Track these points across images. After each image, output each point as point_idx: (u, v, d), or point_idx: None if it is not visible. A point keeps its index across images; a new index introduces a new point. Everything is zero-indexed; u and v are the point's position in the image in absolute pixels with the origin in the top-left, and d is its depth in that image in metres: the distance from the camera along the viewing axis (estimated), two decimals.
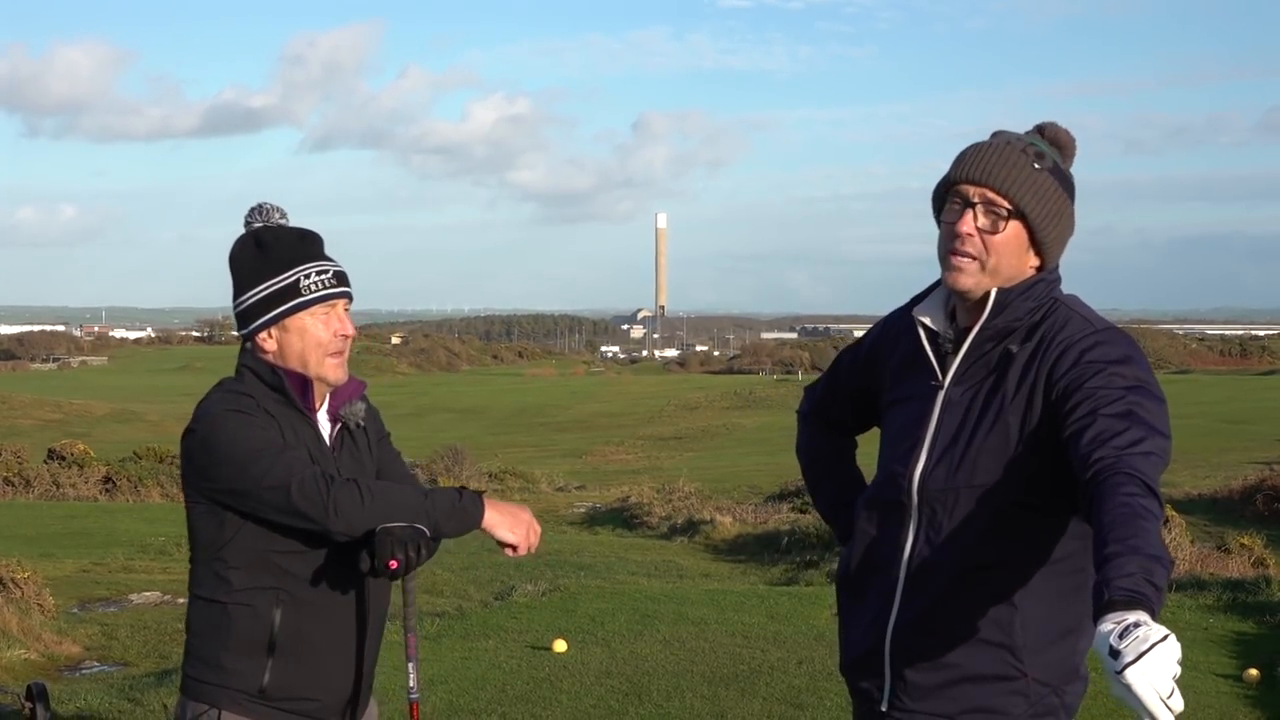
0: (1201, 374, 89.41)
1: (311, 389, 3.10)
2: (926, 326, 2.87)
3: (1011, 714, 2.72)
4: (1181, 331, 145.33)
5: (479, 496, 3.04)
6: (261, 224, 3.14)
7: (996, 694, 2.72)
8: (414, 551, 2.90)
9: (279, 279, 3.07)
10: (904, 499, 2.81)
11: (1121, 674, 2.08)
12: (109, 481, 28.67)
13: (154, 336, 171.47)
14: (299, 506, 2.89)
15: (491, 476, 35.14)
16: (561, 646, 9.18)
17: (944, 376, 2.81)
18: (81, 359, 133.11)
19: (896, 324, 2.99)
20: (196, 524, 3.07)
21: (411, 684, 3.13)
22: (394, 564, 2.89)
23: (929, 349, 2.85)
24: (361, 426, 3.22)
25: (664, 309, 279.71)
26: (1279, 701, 7.87)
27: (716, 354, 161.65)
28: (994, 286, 2.76)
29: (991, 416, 2.72)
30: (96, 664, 10.80)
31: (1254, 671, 8.48)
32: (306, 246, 3.12)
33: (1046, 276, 2.80)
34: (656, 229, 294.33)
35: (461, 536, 3.09)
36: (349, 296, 3.15)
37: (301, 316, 3.07)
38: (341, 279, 3.13)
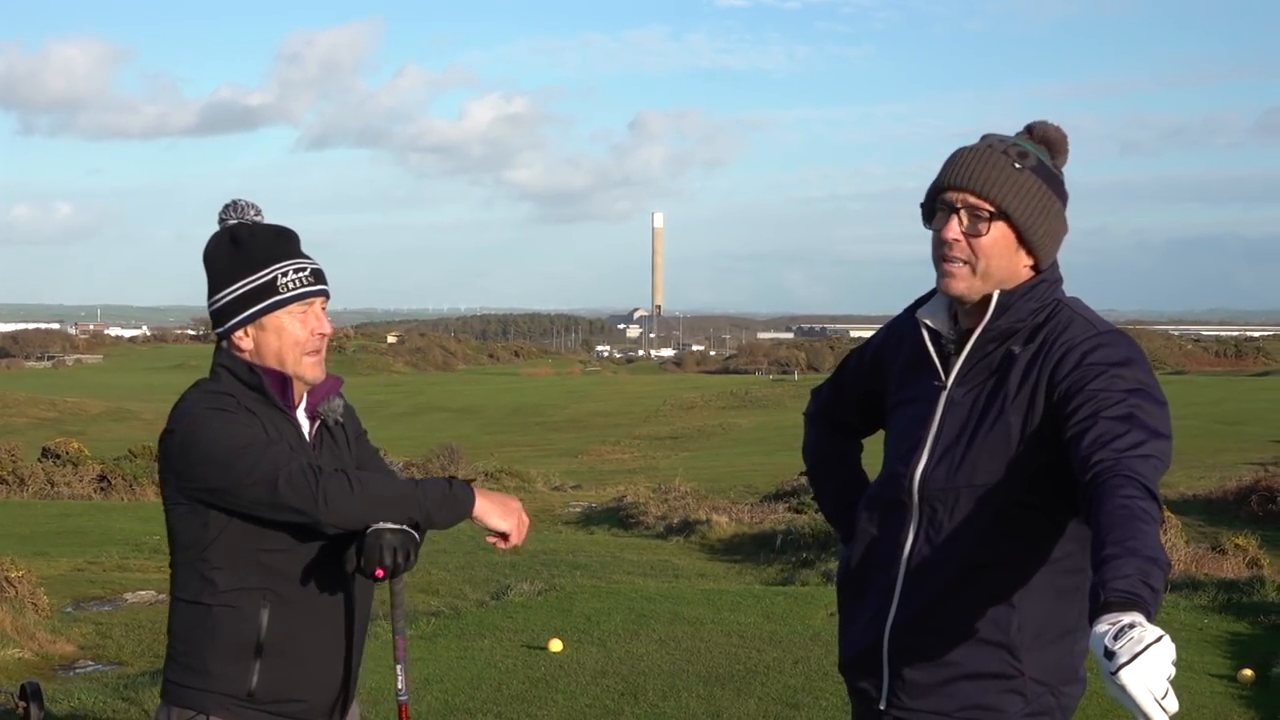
0: (1197, 375, 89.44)
1: (291, 387, 3.07)
2: (930, 328, 2.88)
3: (1008, 712, 2.73)
4: (1177, 332, 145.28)
5: (469, 486, 3.01)
6: (236, 221, 3.10)
7: (993, 692, 2.72)
8: (402, 558, 2.87)
9: (255, 277, 3.03)
10: (905, 498, 2.82)
11: (1116, 675, 2.10)
12: (104, 480, 28.59)
13: (149, 335, 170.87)
14: (287, 499, 2.85)
15: (487, 476, 35.09)
16: (557, 646, 9.17)
17: (947, 377, 2.82)
18: (76, 357, 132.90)
19: (901, 326, 3.01)
20: (177, 525, 3.03)
21: (400, 686, 3.11)
22: (380, 573, 2.87)
23: (932, 350, 2.87)
24: (340, 423, 3.19)
25: (660, 308, 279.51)
26: (1273, 701, 7.88)
27: (713, 354, 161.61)
28: (988, 289, 2.77)
29: (993, 417, 2.73)
30: (91, 663, 10.77)
31: (1248, 672, 8.49)
32: (283, 244, 3.09)
33: (1048, 277, 2.80)
34: (653, 228, 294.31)
35: (452, 527, 3.05)
36: (326, 294, 3.12)
37: (278, 315, 3.04)
38: (319, 276, 3.10)
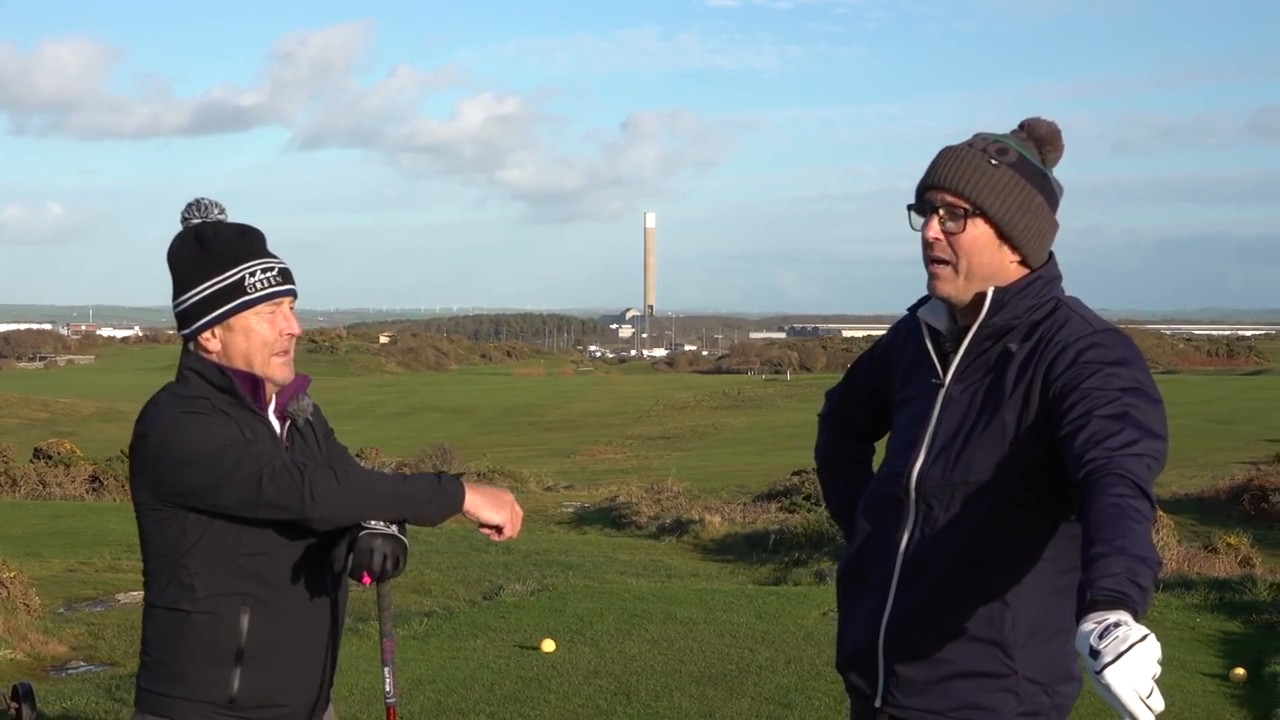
0: (1189, 374, 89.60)
1: (263, 388, 3.03)
2: (930, 326, 2.89)
3: (1001, 711, 2.73)
4: (1169, 332, 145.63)
5: (458, 480, 2.97)
6: (200, 220, 3.04)
7: (987, 691, 2.72)
8: (391, 564, 2.86)
9: (222, 277, 2.98)
10: (902, 495, 2.83)
11: (1101, 674, 2.11)
12: (96, 480, 28.52)
13: (141, 335, 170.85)
14: (273, 496, 2.82)
15: (480, 476, 34.99)
16: (550, 646, 9.17)
17: (945, 375, 2.83)
18: (68, 357, 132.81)
19: (906, 325, 3.02)
20: (152, 532, 2.97)
21: (388, 688, 3.09)
22: (366, 579, 2.86)
23: (931, 349, 2.88)
24: (309, 422, 3.15)
25: (653, 308, 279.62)
26: (1265, 700, 7.88)
27: (705, 354, 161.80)
28: (978, 289, 2.78)
29: (989, 414, 2.74)
30: (83, 664, 10.73)
31: (1240, 671, 8.50)
32: (249, 243, 3.03)
33: (1045, 275, 2.80)
34: (645, 228, 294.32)
35: (443, 522, 3.02)
36: (294, 294, 3.07)
37: (246, 316, 2.99)
38: (286, 276, 3.05)
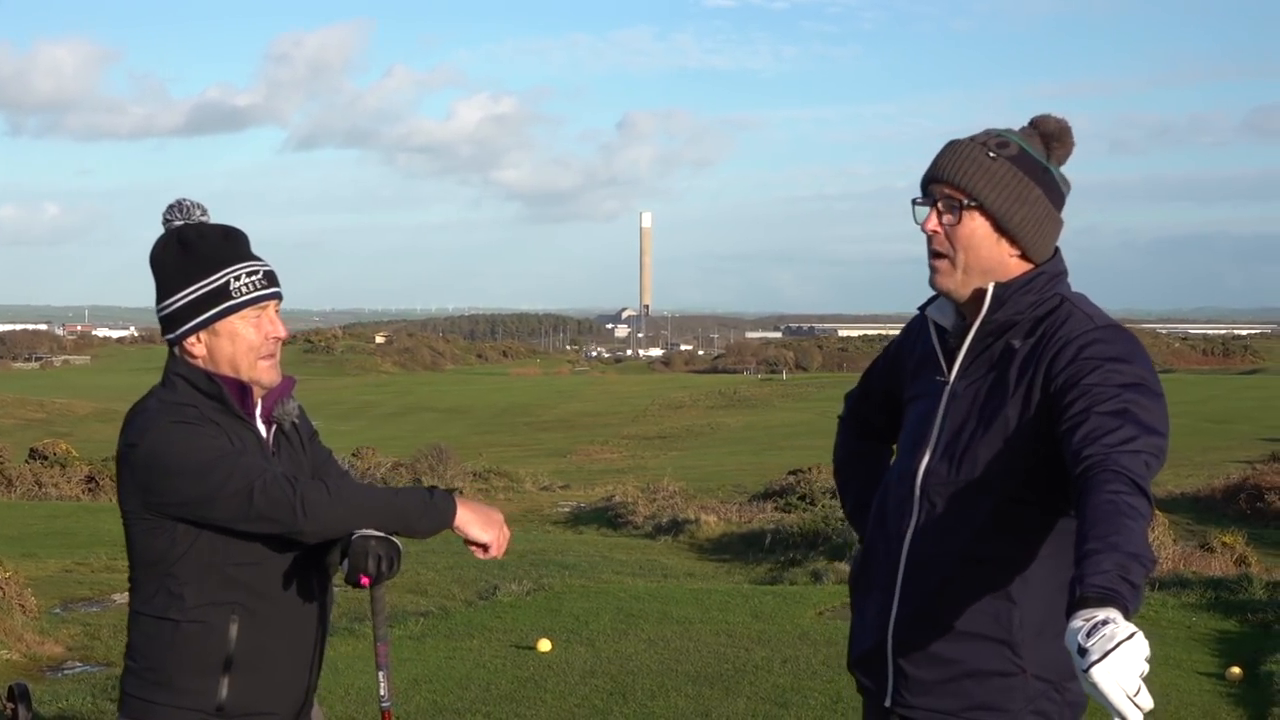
0: (1185, 373, 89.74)
1: (251, 394, 2.99)
2: (937, 324, 2.89)
3: (1011, 710, 2.72)
4: (1165, 331, 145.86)
5: (450, 495, 2.95)
6: (182, 222, 3.00)
7: (997, 690, 2.71)
8: (386, 566, 2.85)
9: (207, 281, 2.94)
10: (908, 494, 2.82)
11: (1087, 672, 2.11)
12: (92, 481, 28.51)
13: (137, 335, 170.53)
14: (264, 510, 2.79)
15: (476, 476, 35.06)
16: (546, 646, 9.17)
17: (950, 373, 2.82)
18: (64, 358, 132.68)
19: (916, 324, 3.02)
20: (140, 541, 2.94)
21: (383, 692, 3.09)
22: (365, 581, 2.85)
23: (938, 346, 2.88)
24: (295, 425, 3.12)
25: (648, 308, 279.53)
26: (1261, 699, 7.89)
27: (701, 353, 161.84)
28: (978, 284, 2.77)
29: (991, 411, 2.73)
30: (79, 664, 10.72)
31: (1236, 670, 8.50)
32: (233, 245, 2.99)
33: (1048, 270, 2.79)
34: (641, 228, 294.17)
35: (432, 537, 3.02)
36: (279, 297, 3.03)
37: (232, 320, 2.95)
38: (271, 279, 3.01)
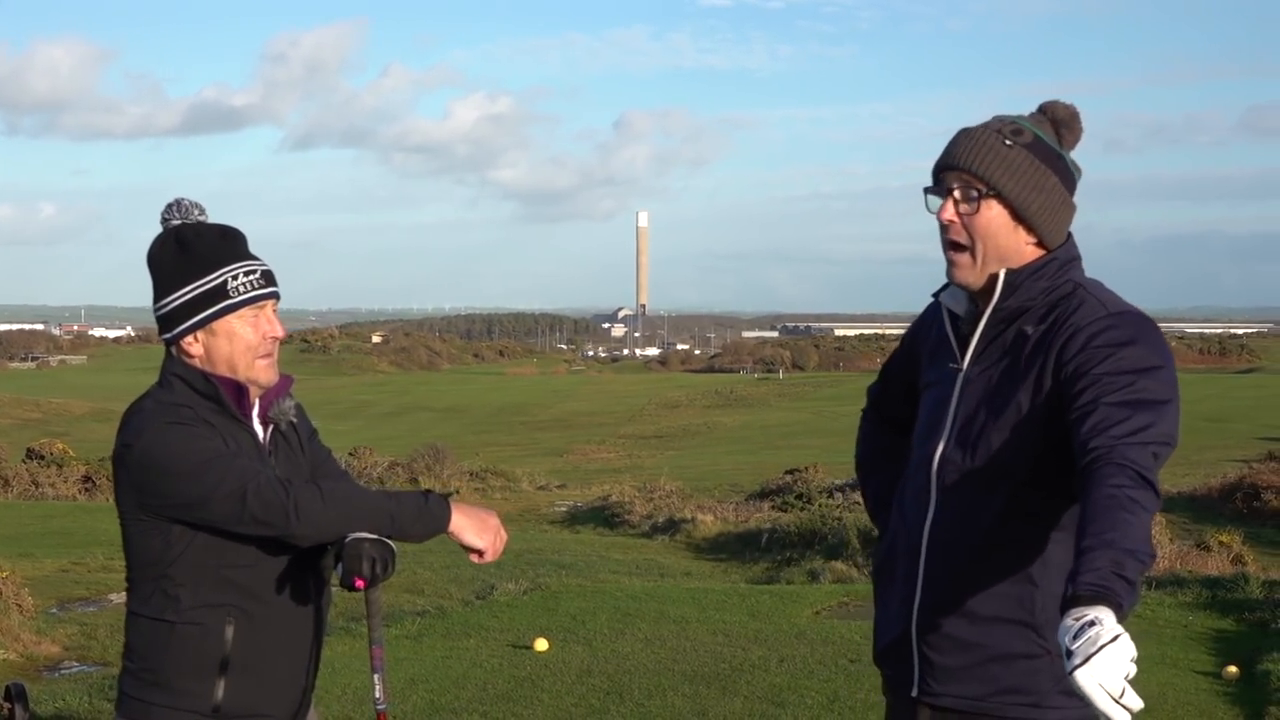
0: (1181, 372, 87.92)
1: (247, 395, 2.98)
2: (950, 311, 2.89)
3: (1039, 692, 2.71)
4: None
5: (445, 500, 2.93)
6: (180, 221, 3.00)
7: (1023, 673, 2.70)
8: (380, 568, 2.84)
9: (204, 281, 2.94)
10: (925, 482, 2.82)
11: (1072, 675, 2.12)
12: (88, 481, 28.54)
13: (133, 335, 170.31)
14: (257, 513, 2.79)
15: (473, 475, 35.09)
16: (543, 645, 9.18)
17: (963, 359, 2.82)
18: (60, 358, 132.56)
19: (930, 312, 3.01)
20: (137, 542, 2.93)
21: (378, 694, 3.07)
22: (360, 583, 2.83)
23: (951, 333, 2.87)
24: (293, 424, 3.11)
25: (645, 308, 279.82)
26: (1258, 698, 7.90)
27: (697, 353, 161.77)
28: (993, 271, 2.75)
29: (1004, 398, 2.72)
30: (76, 664, 10.74)
31: (1233, 668, 8.51)
32: (231, 245, 2.99)
33: (1060, 256, 2.77)
34: (638, 227, 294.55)
35: (426, 541, 3.00)
36: (277, 296, 3.02)
37: (229, 320, 2.94)
38: (269, 278, 3.00)
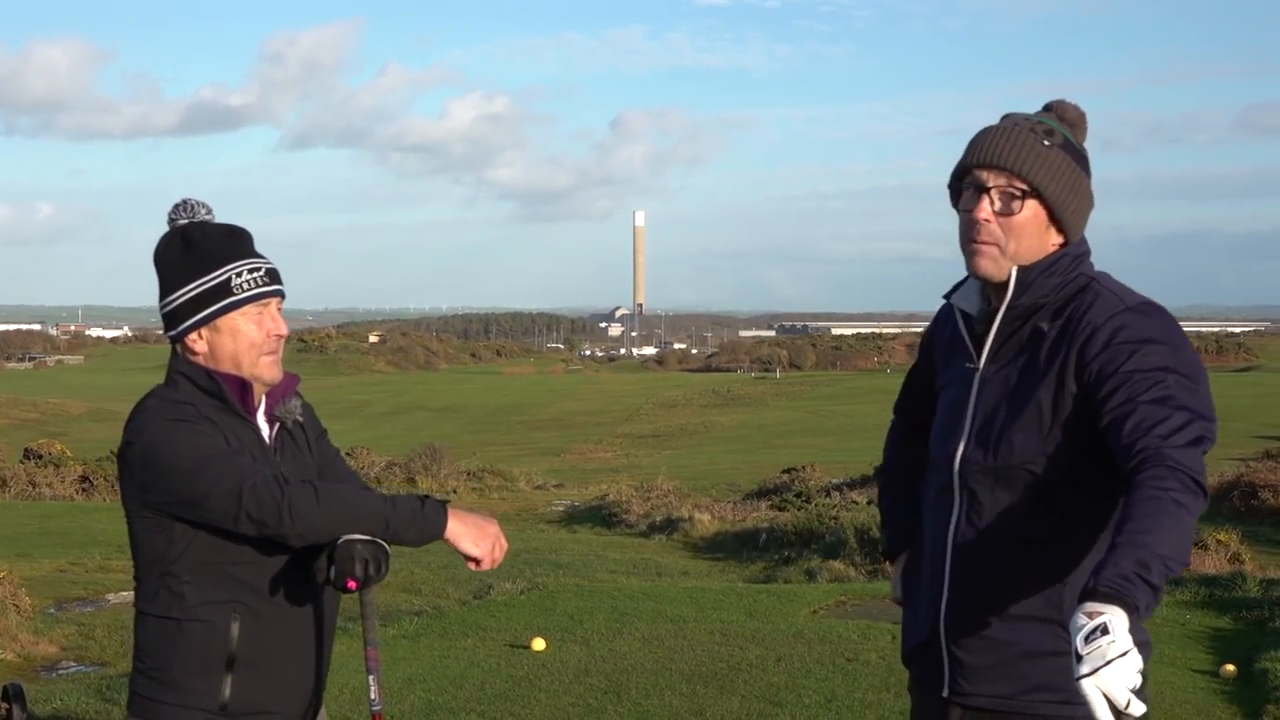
0: None
1: (251, 392, 3.00)
2: (963, 311, 2.89)
3: (1068, 689, 2.70)
4: None
5: (443, 506, 2.93)
6: (187, 220, 3.02)
7: (1053, 670, 2.70)
8: (374, 569, 2.83)
9: (209, 278, 2.96)
10: (948, 483, 2.82)
11: (1080, 681, 2.14)
12: (86, 481, 28.54)
13: (130, 335, 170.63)
14: (252, 511, 2.79)
15: (470, 475, 35.09)
16: (540, 645, 9.17)
17: (979, 359, 2.82)
18: (58, 358, 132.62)
19: (944, 313, 3.02)
20: (142, 539, 2.95)
21: (373, 696, 3.07)
22: (352, 584, 2.83)
23: (965, 333, 2.88)
24: (299, 423, 3.11)
25: (642, 307, 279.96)
26: (1255, 697, 7.90)
27: (695, 352, 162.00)
28: (1011, 267, 2.76)
29: (1023, 396, 2.73)
30: (73, 664, 10.73)
31: (1230, 667, 8.51)
32: (236, 243, 3.01)
33: (1070, 251, 2.78)
34: (635, 227, 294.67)
35: (421, 546, 2.98)
36: (281, 294, 3.05)
37: (233, 316, 2.96)
38: (274, 276, 3.03)
